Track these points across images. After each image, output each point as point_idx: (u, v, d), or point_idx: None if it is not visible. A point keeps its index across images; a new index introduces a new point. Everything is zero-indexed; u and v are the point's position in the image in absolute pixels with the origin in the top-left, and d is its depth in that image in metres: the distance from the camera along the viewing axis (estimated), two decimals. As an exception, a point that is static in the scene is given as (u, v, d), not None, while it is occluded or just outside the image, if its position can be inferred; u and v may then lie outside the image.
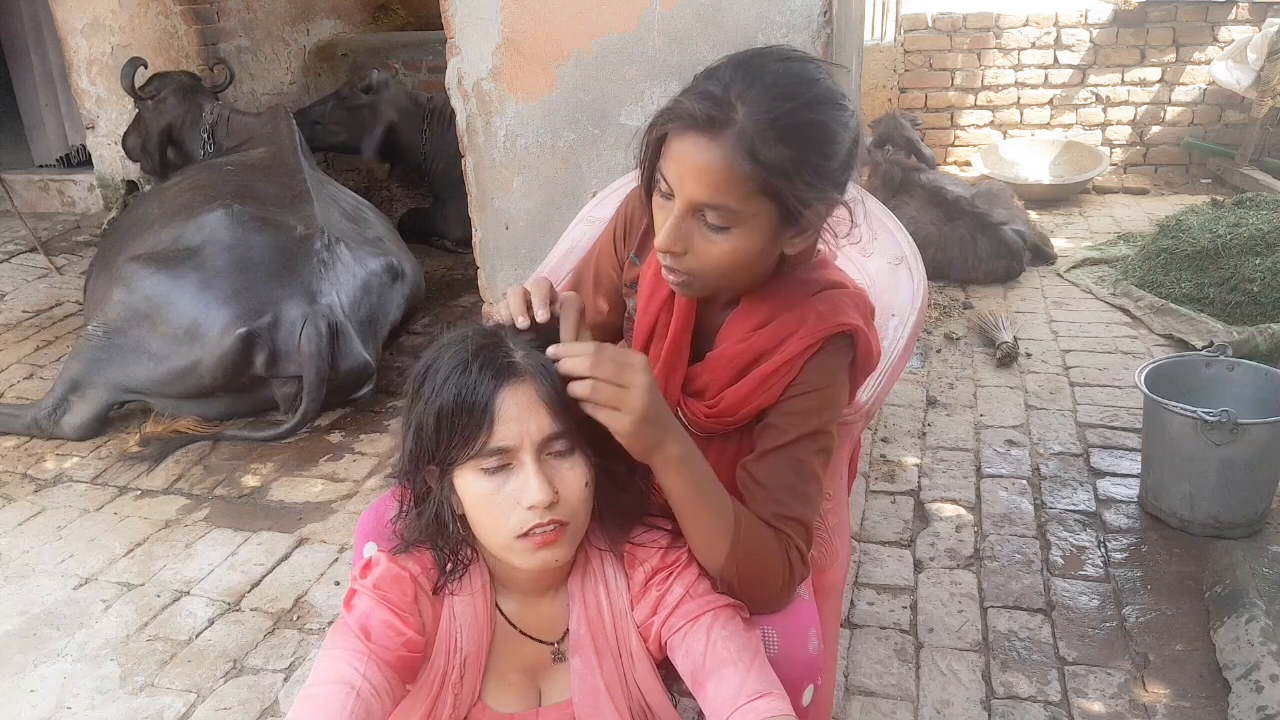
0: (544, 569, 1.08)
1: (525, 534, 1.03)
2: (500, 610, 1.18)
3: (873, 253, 1.61)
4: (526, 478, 1.02)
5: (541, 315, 1.09)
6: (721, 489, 1.14)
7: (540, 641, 1.18)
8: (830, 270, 1.26)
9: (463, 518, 1.10)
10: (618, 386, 1.04)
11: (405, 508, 1.17)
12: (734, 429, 1.26)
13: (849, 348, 1.22)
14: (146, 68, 4.22)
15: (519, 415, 1.02)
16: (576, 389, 1.04)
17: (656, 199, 1.14)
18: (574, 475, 1.05)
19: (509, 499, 1.04)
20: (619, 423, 1.05)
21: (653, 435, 1.07)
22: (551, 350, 1.06)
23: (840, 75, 1.17)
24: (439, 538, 1.12)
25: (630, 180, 1.80)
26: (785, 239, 1.15)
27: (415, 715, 1.14)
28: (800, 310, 1.20)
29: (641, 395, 1.04)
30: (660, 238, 1.12)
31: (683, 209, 1.10)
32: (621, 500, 1.14)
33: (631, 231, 1.37)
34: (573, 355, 1.05)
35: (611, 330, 1.45)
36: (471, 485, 1.06)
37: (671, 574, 1.14)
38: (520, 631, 1.18)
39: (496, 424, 1.02)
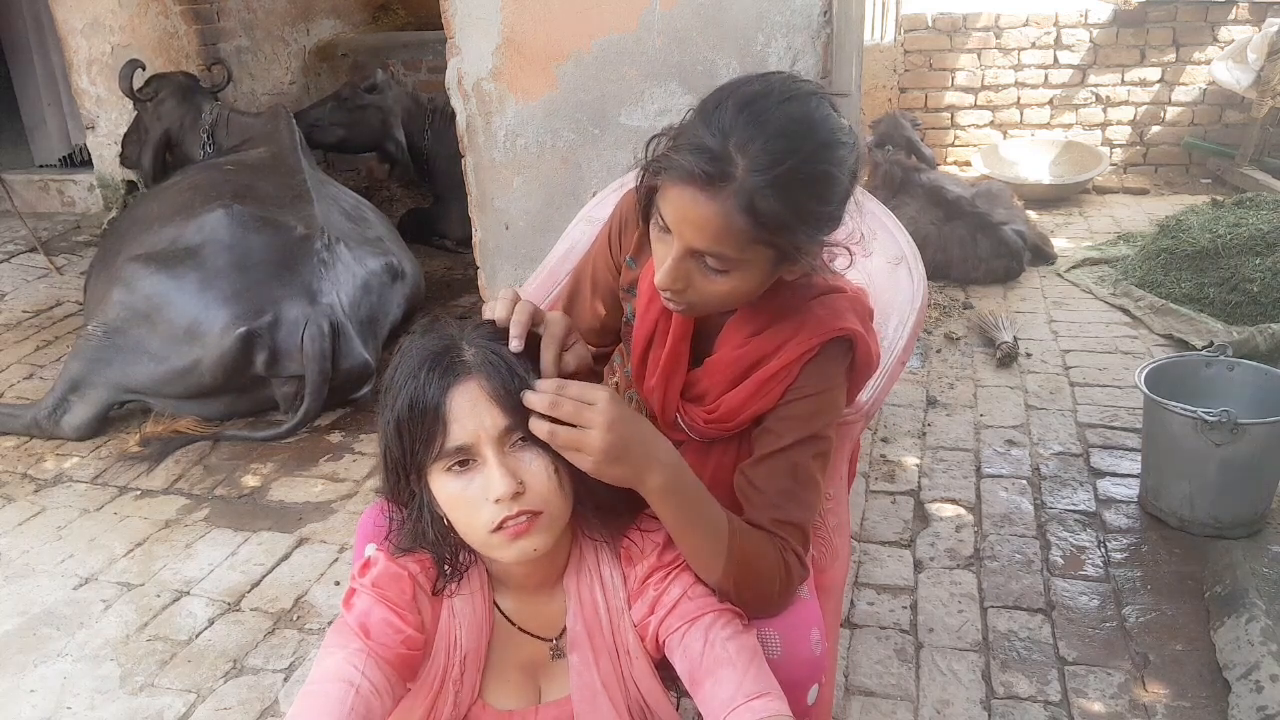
0: (523, 559, 1.08)
1: (498, 527, 1.04)
2: (498, 607, 1.18)
3: (873, 252, 1.61)
4: (489, 472, 1.03)
5: (515, 345, 1.08)
6: (714, 507, 1.13)
7: (538, 638, 1.19)
8: (828, 274, 1.26)
9: (449, 522, 1.10)
10: (577, 429, 1.03)
11: (392, 522, 1.17)
12: (734, 434, 1.26)
13: (847, 352, 1.22)
14: (145, 69, 4.22)
15: (472, 412, 1.03)
16: (535, 428, 1.04)
17: (655, 231, 1.14)
18: (539, 464, 1.05)
19: (477, 495, 1.04)
20: (582, 464, 1.05)
21: (623, 472, 1.07)
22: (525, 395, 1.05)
23: (842, 104, 1.16)
24: (435, 544, 1.13)
25: (630, 180, 1.80)
26: (783, 270, 1.15)
27: (416, 713, 1.14)
28: (799, 315, 1.20)
29: (601, 437, 1.03)
30: (660, 277, 1.12)
31: (681, 252, 1.10)
32: (611, 495, 1.13)
33: (626, 235, 1.37)
34: (537, 394, 1.04)
35: (610, 333, 1.44)
36: (442, 487, 1.06)
37: (670, 574, 1.14)
38: (519, 628, 1.18)
39: (451, 424, 1.03)
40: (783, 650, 1.16)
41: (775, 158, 1.04)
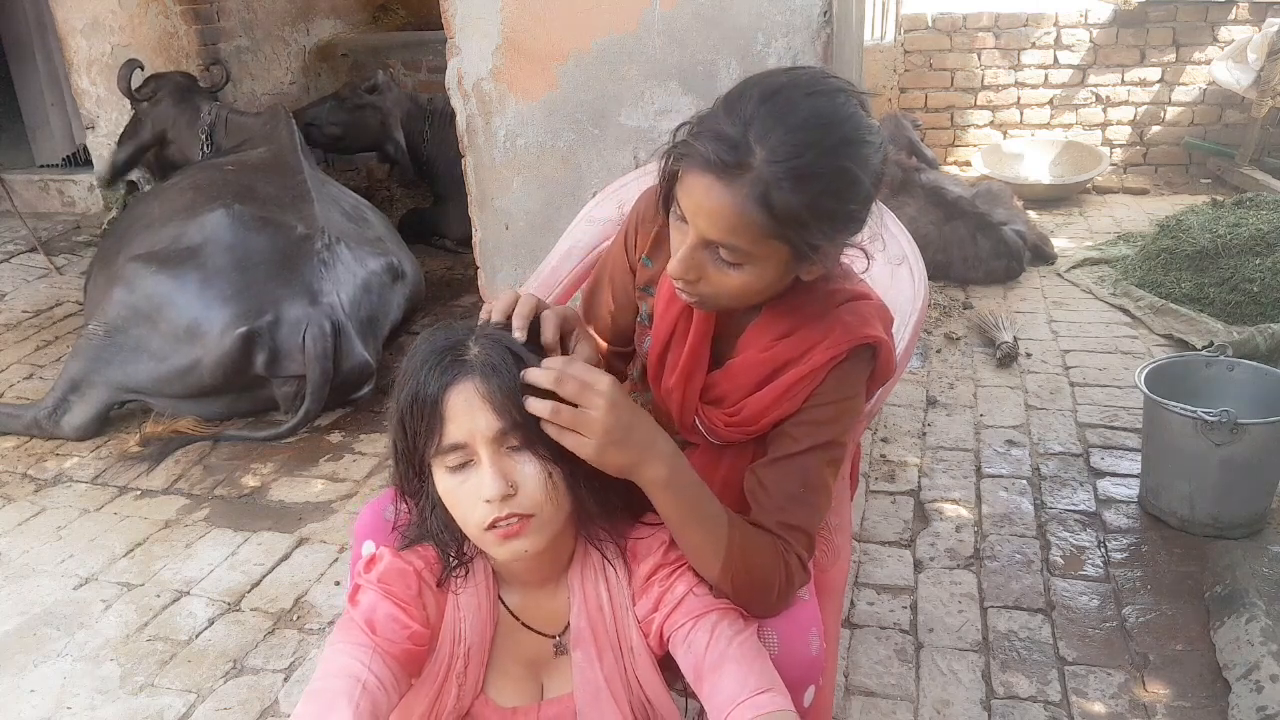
0: (514, 559, 1.08)
1: (490, 526, 1.04)
2: (503, 602, 1.18)
3: (873, 253, 1.61)
4: (482, 472, 1.04)
5: (519, 335, 1.09)
6: (713, 504, 1.13)
7: (542, 634, 1.19)
8: (853, 280, 1.25)
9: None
10: (580, 409, 1.03)
11: (398, 509, 1.18)
12: (750, 438, 1.25)
13: (871, 359, 1.22)
14: (143, 69, 4.21)
15: (467, 412, 1.03)
16: (536, 407, 1.03)
17: (674, 220, 1.13)
18: (532, 468, 1.05)
19: (472, 493, 1.05)
20: (581, 446, 1.04)
21: (622, 458, 1.06)
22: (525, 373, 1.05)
23: (869, 102, 1.14)
24: (439, 534, 1.13)
25: (631, 179, 1.80)
26: (800, 270, 1.14)
27: (419, 707, 1.14)
28: (826, 321, 1.19)
29: (602, 419, 1.03)
30: (673, 265, 1.12)
31: (695, 241, 1.09)
32: (614, 495, 1.14)
33: (643, 233, 1.36)
34: (542, 370, 1.04)
35: (624, 333, 1.44)
36: (441, 482, 1.07)
37: (674, 571, 1.14)
38: (522, 623, 1.18)
39: (447, 422, 1.03)
40: (780, 650, 1.16)
41: (794, 150, 1.02)
